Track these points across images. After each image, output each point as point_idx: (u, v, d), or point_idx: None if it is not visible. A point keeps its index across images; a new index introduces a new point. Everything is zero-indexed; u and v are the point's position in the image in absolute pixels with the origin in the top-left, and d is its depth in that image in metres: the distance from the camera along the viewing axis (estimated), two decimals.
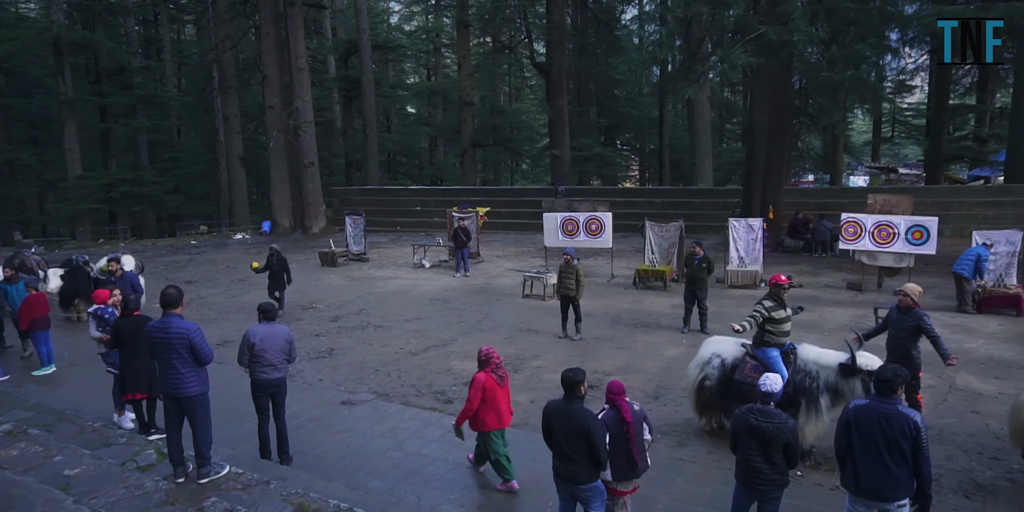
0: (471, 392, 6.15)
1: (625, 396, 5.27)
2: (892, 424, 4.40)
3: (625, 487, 5.27)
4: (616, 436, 5.05)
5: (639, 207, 23.26)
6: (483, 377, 6.16)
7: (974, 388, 8.57)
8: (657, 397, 8.58)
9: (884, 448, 4.40)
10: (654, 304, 13.48)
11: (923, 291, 7.45)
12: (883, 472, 4.44)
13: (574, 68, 34.49)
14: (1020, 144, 24.36)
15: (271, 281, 13.43)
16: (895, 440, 4.39)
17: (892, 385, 4.52)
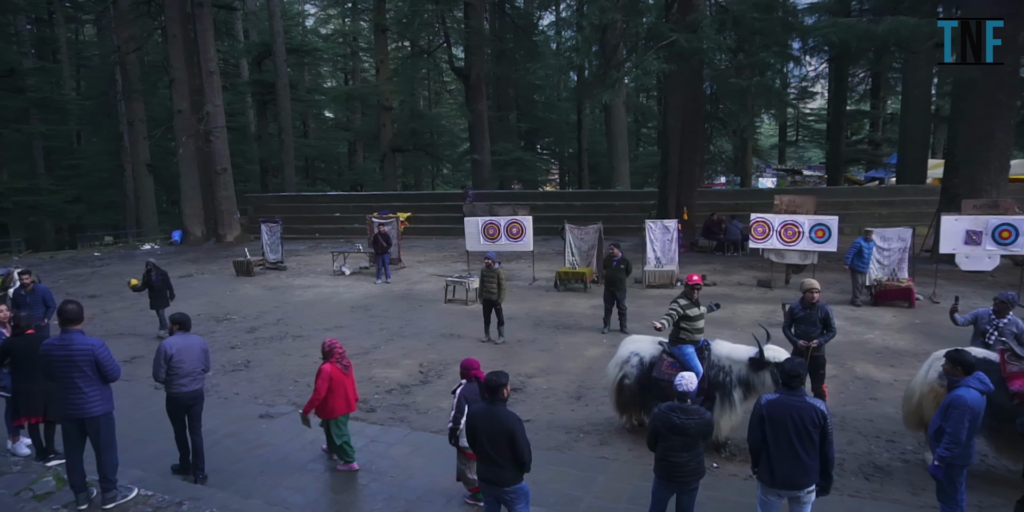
0: (318, 383, 6.48)
1: (480, 370, 5.92)
2: (803, 416, 4.63)
3: None
4: None
5: (559, 210, 23.58)
6: (329, 368, 6.54)
7: (872, 376, 9.11)
8: (579, 397, 8.71)
9: (796, 439, 4.63)
10: (575, 305, 13.69)
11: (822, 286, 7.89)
12: (795, 462, 4.66)
13: (493, 73, 34.69)
14: (909, 148, 26.11)
15: (152, 299, 12.17)
16: (806, 430, 4.63)
17: (799, 379, 4.76)
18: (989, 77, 16.12)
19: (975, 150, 16.37)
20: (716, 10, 21.14)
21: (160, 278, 12.15)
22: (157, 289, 12.12)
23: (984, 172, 16.25)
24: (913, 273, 13.61)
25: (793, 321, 7.70)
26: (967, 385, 5.06)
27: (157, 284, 12.10)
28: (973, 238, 12.93)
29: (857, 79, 35.03)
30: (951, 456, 5.01)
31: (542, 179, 44.98)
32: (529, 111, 40.31)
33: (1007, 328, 7.22)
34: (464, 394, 5.80)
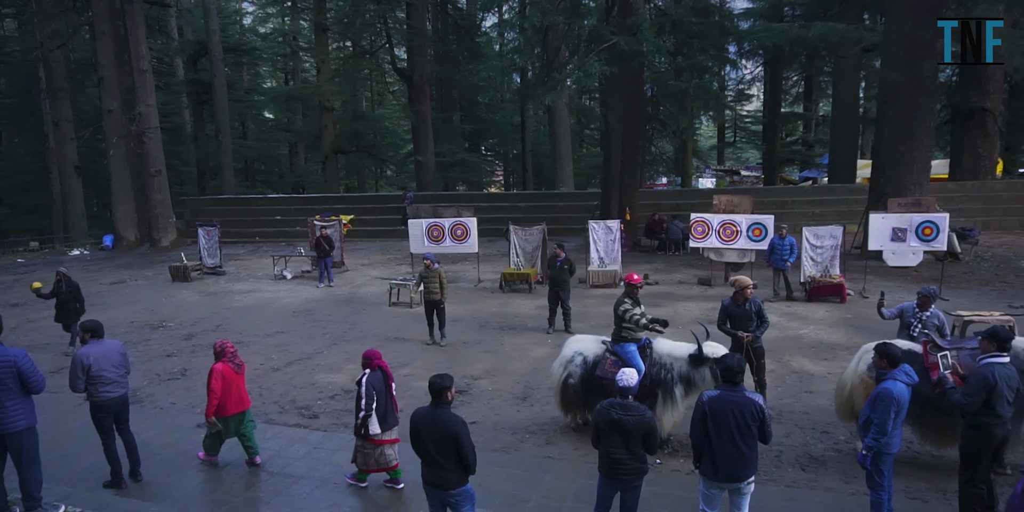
0: (212, 383, 6.55)
1: (383, 360, 6.33)
2: (743, 410, 4.78)
3: (390, 436, 6.27)
4: (381, 393, 6.17)
5: (504, 212, 23.63)
6: (221, 367, 6.63)
7: (807, 370, 9.42)
8: (525, 398, 8.74)
9: (737, 433, 4.77)
10: (520, 306, 13.74)
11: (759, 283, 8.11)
12: (737, 455, 4.80)
13: (436, 74, 34.52)
14: (840, 149, 27.14)
15: (59, 312, 11.22)
16: (746, 424, 4.77)
17: (740, 374, 4.90)
18: (911, 82, 16.89)
19: (899, 151, 17.10)
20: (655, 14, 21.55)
21: (69, 290, 11.18)
22: (64, 302, 11.14)
23: (908, 172, 16.99)
24: (844, 269, 14.13)
25: (728, 317, 7.89)
26: (893, 378, 5.28)
27: (65, 296, 11.13)
28: (899, 235, 13.51)
29: (791, 82, 36.23)
30: (878, 445, 5.22)
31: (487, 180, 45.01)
32: (473, 112, 40.28)
33: (930, 320, 7.55)
34: (369, 382, 6.12)
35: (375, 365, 6.25)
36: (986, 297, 13.23)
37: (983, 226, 20.78)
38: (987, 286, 14.33)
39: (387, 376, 6.31)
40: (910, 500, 5.99)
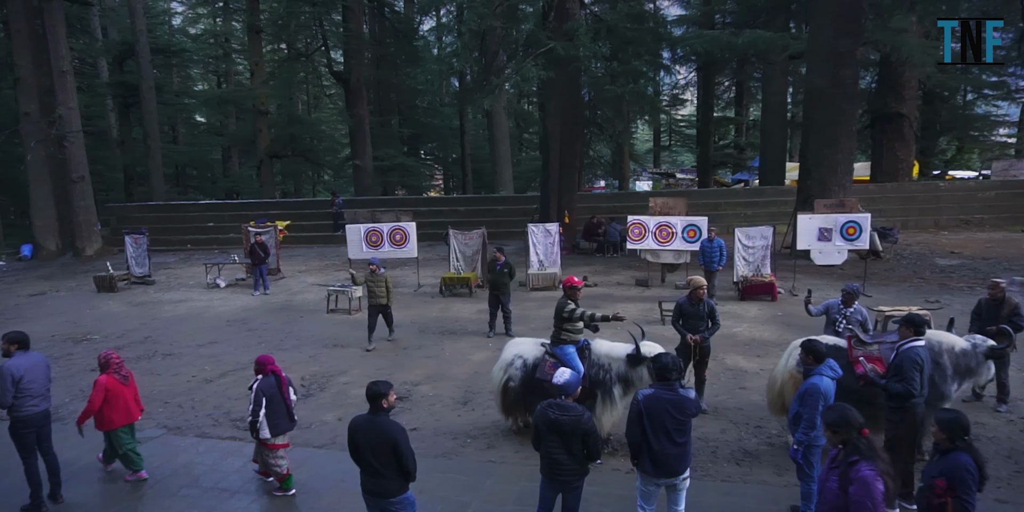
0: (93, 394, 6.48)
1: (276, 365, 6.41)
2: (678, 407, 4.90)
3: (283, 440, 6.38)
4: (274, 398, 6.23)
5: (443, 216, 23.56)
6: (105, 379, 6.54)
7: (741, 367, 9.69)
8: (466, 402, 8.71)
9: (673, 430, 4.90)
10: (461, 311, 13.71)
11: None
12: (673, 451, 4.94)
13: (374, 77, 34.18)
14: (769, 152, 28.06)
15: None
16: (681, 420, 4.91)
17: (673, 373, 5.00)
18: (834, 88, 17.62)
19: (824, 154, 17.81)
20: (591, 19, 21.86)
21: None
22: None
23: (832, 174, 17.71)
24: (775, 269, 14.61)
25: (681, 316, 8.05)
26: (820, 373, 5.49)
27: None
28: (825, 235, 14.05)
29: (723, 87, 37.34)
30: (808, 439, 5.41)
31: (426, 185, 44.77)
32: (412, 116, 40.01)
33: (853, 316, 7.88)
34: (261, 388, 6.19)
35: (268, 370, 6.32)
36: (905, 293, 13.88)
37: (901, 225, 21.86)
38: (906, 282, 15.04)
39: (280, 381, 6.37)
40: None
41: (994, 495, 6.07)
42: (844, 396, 6.48)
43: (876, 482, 3.63)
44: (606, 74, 22.12)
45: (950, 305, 12.37)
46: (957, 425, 4.05)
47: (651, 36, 20.51)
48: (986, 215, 23.54)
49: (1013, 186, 25.30)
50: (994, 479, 6.34)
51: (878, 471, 3.68)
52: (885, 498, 3.67)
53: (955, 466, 3.99)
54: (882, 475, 3.69)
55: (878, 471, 3.68)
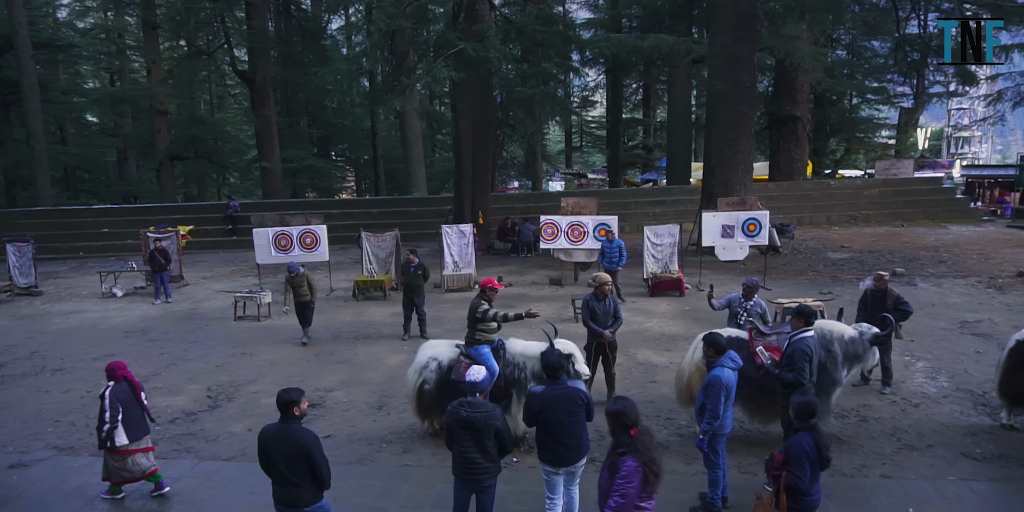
0: None
1: (128, 371, 6.41)
2: (569, 399, 5.19)
3: (139, 445, 6.33)
4: (130, 403, 6.23)
5: (356, 218, 23.16)
6: None
7: (652, 361, 9.98)
8: (381, 407, 8.60)
9: (567, 422, 5.16)
10: (375, 314, 13.51)
11: None
12: (571, 442, 5.20)
13: (281, 77, 33.18)
14: (676, 152, 29.04)
15: None
16: (574, 411, 5.20)
17: (559, 370, 5.31)
18: (733, 91, 18.43)
19: (726, 154, 18.60)
20: (501, 21, 22.01)
21: None
22: None
23: (734, 173, 18.52)
24: (682, 265, 15.14)
25: (591, 313, 8.22)
26: (721, 365, 5.73)
27: None
28: (728, 232, 14.69)
29: (630, 90, 38.33)
30: (713, 429, 5.65)
31: (338, 187, 43.86)
32: (321, 117, 39.11)
33: (754, 309, 8.28)
34: (114, 394, 6.17)
35: (119, 376, 6.31)
36: (801, 285, 14.68)
37: (797, 222, 23.11)
38: (802, 276, 15.91)
39: (134, 386, 6.38)
40: (743, 474, 6.50)
41: (880, 471, 6.50)
42: (747, 386, 6.85)
43: (637, 473, 4.04)
44: (517, 76, 22.32)
45: (841, 296, 13.17)
46: (804, 409, 4.55)
47: (560, 39, 20.85)
48: (871, 211, 25.20)
49: (894, 184, 27.20)
50: (878, 456, 6.82)
51: (639, 463, 4.07)
52: (644, 487, 4.12)
53: (794, 444, 4.51)
54: (643, 467, 4.09)
55: (639, 463, 4.07)
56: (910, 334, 10.59)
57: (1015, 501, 5.93)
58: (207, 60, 33.18)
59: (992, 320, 11.63)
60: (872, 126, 39.81)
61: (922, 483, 6.28)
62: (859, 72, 35.29)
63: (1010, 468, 6.53)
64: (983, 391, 8.36)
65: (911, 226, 23.69)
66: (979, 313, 12.14)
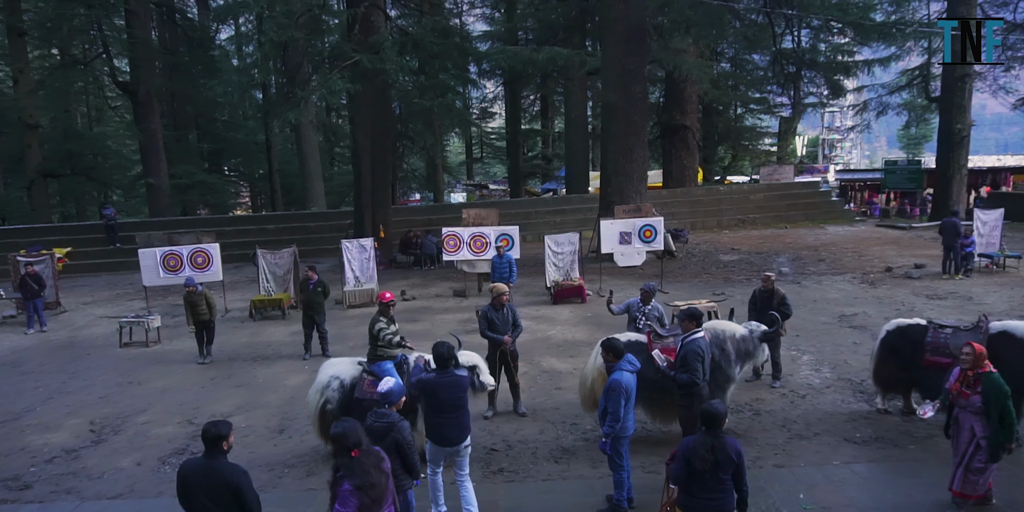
0: None
1: None
2: (453, 386, 5.77)
3: None
4: None
5: (251, 235, 22.35)
6: None
7: (556, 368, 10.12)
8: (282, 430, 8.29)
9: (450, 405, 5.71)
10: (273, 334, 13.04)
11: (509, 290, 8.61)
12: (454, 423, 5.75)
13: (166, 89, 31.60)
14: (574, 162, 29.72)
15: None
16: (457, 397, 5.77)
17: (448, 361, 5.83)
18: (626, 102, 19.06)
19: (621, 163, 19.18)
20: (397, 33, 21.89)
21: None
22: None
23: (629, 182, 19.12)
24: (583, 272, 15.47)
25: (489, 323, 8.23)
26: (620, 368, 5.89)
27: None
28: (625, 238, 15.15)
29: (528, 101, 38.97)
30: (615, 431, 5.78)
31: (232, 203, 42.09)
32: (212, 130, 37.44)
33: (651, 313, 8.57)
34: None
35: None
36: (696, 288, 15.31)
37: (690, 227, 24.13)
38: (696, 278, 16.60)
39: None
40: (647, 474, 6.68)
41: (773, 461, 6.85)
42: (647, 387, 7.08)
43: (352, 497, 4.11)
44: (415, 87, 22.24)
45: (733, 296, 13.82)
46: (703, 415, 4.71)
47: (457, 51, 20.93)
48: (758, 214, 26.65)
49: (777, 189, 28.89)
50: (772, 447, 7.19)
51: (354, 486, 4.12)
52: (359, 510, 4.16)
53: (684, 443, 4.76)
54: (358, 490, 4.12)
55: (354, 486, 4.12)
56: (796, 329, 11.23)
57: (891, 479, 6.38)
58: (83, 70, 31.18)
59: (866, 313, 12.51)
60: (756, 134, 42.27)
61: (811, 469, 6.66)
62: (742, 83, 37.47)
63: (885, 449, 7.04)
64: (861, 379, 8.97)
65: (793, 227, 25.21)
66: (855, 307, 13.03)
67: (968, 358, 5.50)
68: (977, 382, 5.45)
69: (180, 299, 12.35)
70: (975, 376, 5.46)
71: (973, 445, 5.49)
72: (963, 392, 5.51)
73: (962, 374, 5.56)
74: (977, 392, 5.42)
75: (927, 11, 31.11)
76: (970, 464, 5.52)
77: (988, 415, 5.38)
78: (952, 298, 13.44)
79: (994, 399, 5.32)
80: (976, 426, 5.47)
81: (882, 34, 18.57)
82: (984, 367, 5.46)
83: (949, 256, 15.53)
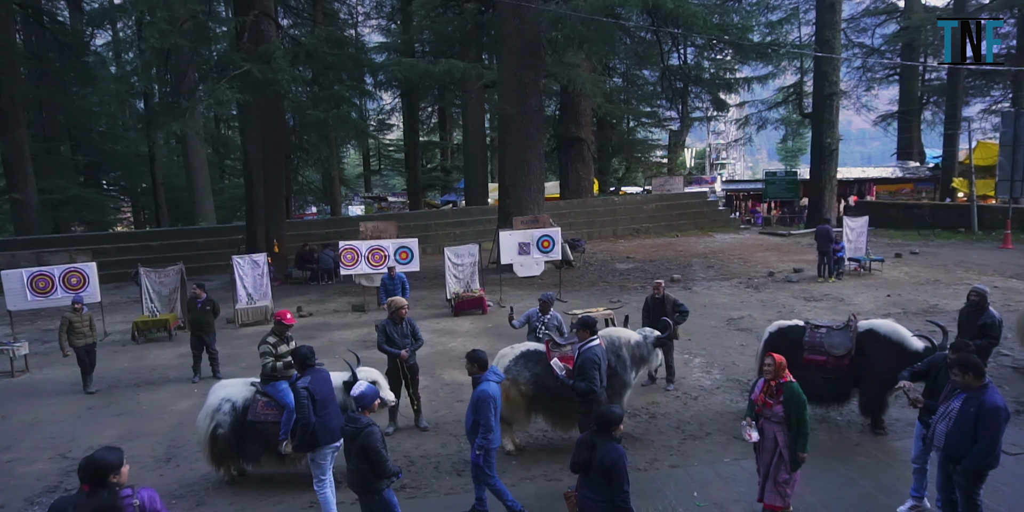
0: None
1: None
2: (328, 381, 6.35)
3: None
4: None
5: (134, 253, 21.08)
6: None
7: (457, 381, 10.08)
8: (169, 459, 7.81)
9: (329, 401, 6.16)
10: (159, 357, 12.30)
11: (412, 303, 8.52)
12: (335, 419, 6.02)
13: (34, 97, 29.33)
14: (473, 174, 29.90)
15: None
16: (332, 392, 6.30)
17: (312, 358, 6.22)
18: (522, 115, 19.40)
19: (518, 175, 19.47)
20: (289, 42, 21.34)
21: None
22: None
23: (527, 193, 19.42)
24: (483, 283, 15.54)
25: (387, 338, 8.10)
26: (486, 380, 5.97)
27: None
28: (524, 249, 15.36)
29: (427, 113, 38.94)
30: (487, 442, 5.84)
31: (112, 219, 39.51)
32: (87, 142, 35.02)
33: (551, 322, 8.71)
34: None
35: None
36: (594, 296, 15.69)
37: (587, 236, 24.76)
38: (594, 287, 17.02)
39: None
40: (548, 482, 6.76)
41: (669, 462, 7.10)
42: (548, 395, 7.21)
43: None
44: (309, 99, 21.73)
45: (629, 303, 14.27)
46: (598, 416, 4.80)
47: (352, 62, 20.65)
48: (651, 224, 27.69)
49: (668, 199, 30.14)
50: (667, 448, 7.44)
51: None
52: None
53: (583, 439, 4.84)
54: None
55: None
56: (688, 333, 11.72)
57: None
58: None
59: (752, 316, 13.22)
60: (647, 146, 44.09)
61: (704, 468, 6.94)
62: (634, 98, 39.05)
63: None
64: (748, 379, 9.44)
65: (684, 236, 26.35)
66: (742, 310, 13.75)
67: (770, 369, 5.52)
68: (780, 392, 5.47)
69: (51, 324, 11.46)
70: (777, 386, 5.50)
71: (777, 455, 5.52)
72: (767, 402, 5.52)
73: (766, 385, 5.58)
74: (780, 402, 5.46)
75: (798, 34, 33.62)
76: (776, 475, 5.55)
77: (789, 424, 5.45)
78: (827, 299, 14.42)
79: (793, 408, 5.38)
80: (779, 436, 5.50)
81: (759, 53, 19.78)
82: (785, 377, 5.51)
83: (823, 261, 16.69)
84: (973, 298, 7.98)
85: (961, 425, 4.98)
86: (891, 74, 37.40)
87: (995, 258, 18.90)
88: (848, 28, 35.70)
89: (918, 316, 12.34)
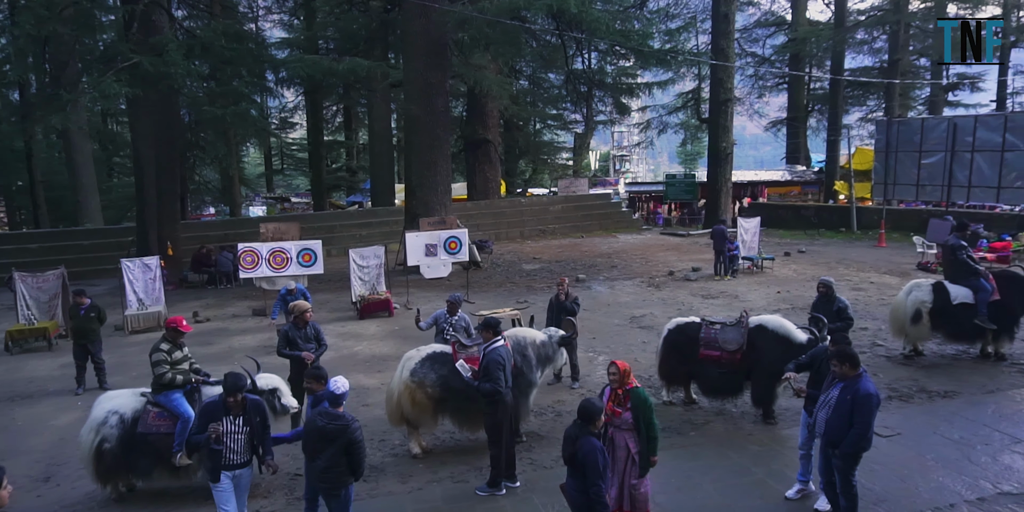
0: None
1: None
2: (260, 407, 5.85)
3: None
4: None
5: (9, 256, 19.54)
6: None
7: (363, 384, 9.91)
8: (48, 478, 7.29)
9: None
10: (37, 368, 11.45)
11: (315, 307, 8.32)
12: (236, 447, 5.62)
13: None
14: (379, 174, 29.49)
15: None
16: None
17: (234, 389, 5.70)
18: (428, 116, 19.30)
19: (425, 176, 19.36)
20: (183, 35, 20.36)
21: None
22: None
23: (434, 194, 19.34)
24: (390, 285, 15.36)
25: (288, 342, 7.89)
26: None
27: None
28: (431, 250, 15.30)
29: (331, 112, 38.05)
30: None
31: None
32: None
33: (458, 324, 8.71)
34: None
35: None
36: (502, 297, 15.80)
37: (495, 237, 24.92)
38: (501, 287, 17.14)
39: None
40: (455, 483, 6.77)
41: None
42: (455, 396, 7.21)
43: None
44: (205, 94, 20.81)
45: (535, 303, 14.44)
46: (579, 407, 4.96)
47: (251, 57, 19.92)
48: (557, 225, 28.16)
49: (574, 200, 30.72)
50: None
51: None
52: None
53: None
54: None
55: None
56: (592, 332, 12.00)
57: (675, 464, 6.95)
58: None
59: (653, 314, 13.68)
60: (553, 149, 44.80)
61: None
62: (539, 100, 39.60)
63: (670, 437, 7.69)
64: (649, 375, 9.75)
65: (589, 237, 26.94)
66: (644, 308, 14.20)
67: (615, 377, 5.47)
68: (627, 398, 5.42)
69: None
70: (624, 393, 5.44)
71: (630, 462, 5.48)
72: (615, 411, 5.42)
73: (612, 393, 5.49)
74: (628, 409, 5.41)
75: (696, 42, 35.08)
76: (630, 482, 5.49)
77: (639, 430, 5.42)
78: (723, 297, 15.11)
79: (642, 413, 5.36)
80: (631, 443, 5.46)
81: (658, 59, 20.50)
82: (631, 383, 5.47)
83: (719, 259, 17.48)
84: (822, 290, 8.76)
85: (839, 412, 5.35)
86: (780, 83, 39.61)
87: (871, 256, 20.37)
88: (741, 38, 37.59)
89: (804, 311, 13.06)
